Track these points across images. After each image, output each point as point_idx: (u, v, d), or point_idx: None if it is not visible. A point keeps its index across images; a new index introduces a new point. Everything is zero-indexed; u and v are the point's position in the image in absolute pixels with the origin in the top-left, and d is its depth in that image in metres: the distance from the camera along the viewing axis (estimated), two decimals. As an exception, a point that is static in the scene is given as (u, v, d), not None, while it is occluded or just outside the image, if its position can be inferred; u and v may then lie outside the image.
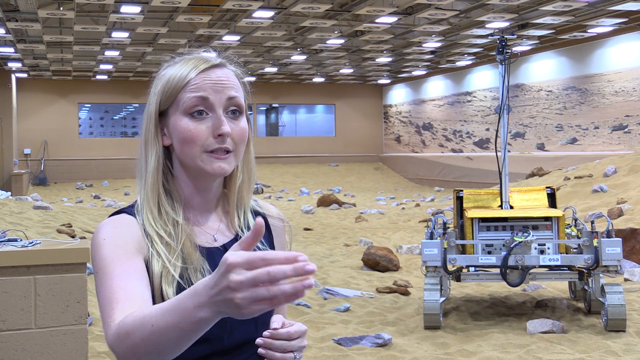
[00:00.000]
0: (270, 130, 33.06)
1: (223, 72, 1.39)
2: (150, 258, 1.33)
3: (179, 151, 1.38)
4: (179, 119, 1.36)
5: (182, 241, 1.36)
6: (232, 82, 1.39)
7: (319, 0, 15.19)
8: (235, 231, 1.46)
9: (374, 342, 5.12)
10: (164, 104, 1.39)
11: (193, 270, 1.33)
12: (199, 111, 1.35)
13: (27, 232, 6.28)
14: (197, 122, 1.35)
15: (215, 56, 1.42)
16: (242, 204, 1.49)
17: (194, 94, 1.35)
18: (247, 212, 1.50)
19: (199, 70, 1.37)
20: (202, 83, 1.36)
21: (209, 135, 1.35)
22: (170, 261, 1.33)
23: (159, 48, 20.63)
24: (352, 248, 10.52)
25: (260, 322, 1.39)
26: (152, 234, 1.35)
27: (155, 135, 1.39)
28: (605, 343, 5.01)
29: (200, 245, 1.39)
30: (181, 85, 1.37)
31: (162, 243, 1.35)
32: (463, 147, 26.49)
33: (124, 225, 1.35)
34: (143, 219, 1.37)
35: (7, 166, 25.25)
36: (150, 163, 1.39)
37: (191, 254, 1.35)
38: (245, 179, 1.48)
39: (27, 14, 15.52)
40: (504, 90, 5.88)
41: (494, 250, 5.56)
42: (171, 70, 1.40)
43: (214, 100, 1.36)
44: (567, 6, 15.50)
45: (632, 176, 12.06)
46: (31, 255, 3.17)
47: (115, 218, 1.37)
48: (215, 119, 1.35)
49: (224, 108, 1.37)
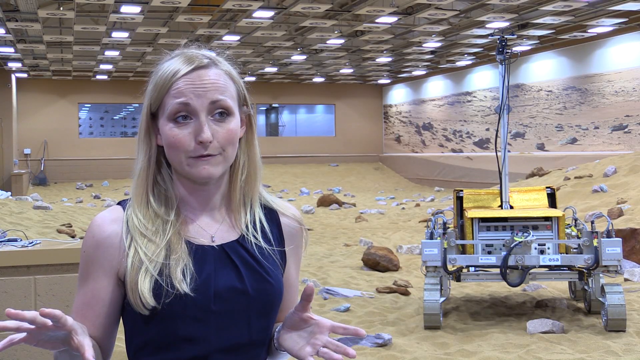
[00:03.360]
0: (270, 130, 33.06)
1: (208, 74, 1.36)
2: (126, 255, 1.35)
3: (167, 155, 1.38)
4: (165, 123, 1.35)
5: (169, 237, 1.35)
6: (217, 84, 1.35)
7: (319, 0, 15.19)
8: (240, 231, 1.43)
9: (374, 342, 5.12)
10: (153, 106, 1.38)
11: (174, 266, 1.32)
12: (183, 116, 1.33)
13: (27, 232, 6.28)
14: (180, 127, 1.33)
15: (202, 54, 1.39)
16: (248, 199, 1.46)
17: (176, 100, 1.33)
18: (255, 207, 1.47)
19: (182, 73, 1.34)
20: (184, 87, 1.33)
21: (192, 140, 1.33)
22: (150, 258, 1.33)
23: (159, 48, 20.59)
24: (352, 248, 10.52)
25: (254, 325, 1.37)
26: (133, 232, 1.36)
27: (146, 134, 1.39)
28: (605, 343, 5.01)
29: (196, 243, 1.37)
30: (165, 90, 1.35)
31: (142, 241, 1.35)
32: (463, 147, 26.49)
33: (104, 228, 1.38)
34: (128, 215, 1.39)
35: (7, 166, 25.25)
36: (139, 162, 1.39)
37: (176, 250, 1.34)
38: (252, 173, 1.45)
39: (27, 14, 15.52)
40: (504, 90, 5.88)
41: (494, 250, 5.56)
42: (160, 68, 1.38)
43: (196, 105, 1.33)
44: (567, 6, 15.50)
45: (632, 176, 12.05)
46: (31, 255, 3.17)
47: (100, 218, 1.40)
48: (198, 124, 1.33)
49: (208, 112, 1.34)
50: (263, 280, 1.38)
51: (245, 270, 1.38)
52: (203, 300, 1.32)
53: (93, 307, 1.36)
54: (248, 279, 1.37)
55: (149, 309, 1.30)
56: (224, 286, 1.35)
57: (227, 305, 1.34)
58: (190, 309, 1.31)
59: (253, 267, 1.39)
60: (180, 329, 1.31)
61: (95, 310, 1.36)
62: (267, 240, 1.44)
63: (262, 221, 1.46)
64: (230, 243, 1.41)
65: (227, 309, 1.34)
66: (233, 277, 1.36)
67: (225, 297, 1.34)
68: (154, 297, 1.30)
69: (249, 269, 1.38)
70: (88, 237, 1.38)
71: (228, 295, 1.35)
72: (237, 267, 1.38)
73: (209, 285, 1.34)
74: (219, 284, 1.35)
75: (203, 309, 1.32)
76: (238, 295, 1.35)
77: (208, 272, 1.35)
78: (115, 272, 1.35)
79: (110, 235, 1.37)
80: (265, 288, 1.38)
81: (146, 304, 1.29)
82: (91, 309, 1.36)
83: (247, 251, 1.41)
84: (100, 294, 1.36)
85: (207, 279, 1.34)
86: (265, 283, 1.38)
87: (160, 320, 1.31)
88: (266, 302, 1.38)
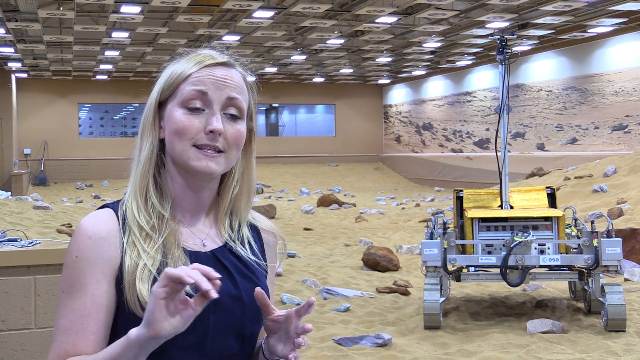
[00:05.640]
0: (270, 130, 33.06)
1: (229, 72, 1.36)
2: (123, 253, 1.29)
3: (169, 144, 1.34)
4: (175, 109, 1.33)
5: (165, 235, 1.32)
6: (235, 83, 1.36)
7: (319, 0, 15.19)
8: (224, 239, 1.41)
9: (374, 342, 5.11)
10: (164, 93, 1.36)
11: (172, 266, 1.26)
12: (196, 107, 1.32)
13: (27, 232, 6.28)
14: (191, 115, 1.32)
15: (223, 54, 1.39)
16: (237, 215, 1.44)
17: (194, 86, 1.32)
18: (244, 226, 1.44)
19: (204, 64, 1.35)
20: (205, 77, 1.33)
21: (201, 130, 1.31)
22: (148, 253, 1.28)
23: (159, 48, 20.64)
24: (352, 248, 10.52)
25: (248, 336, 1.35)
26: (132, 225, 1.32)
27: (152, 124, 1.36)
28: (605, 343, 5.01)
29: (188, 248, 1.34)
30: (183, 77, 1.34)
31: (141, 235, 1.31)
32: (463, 147, 26.49)
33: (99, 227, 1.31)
34: (126, 209, 1.34)
35: (7, 166, 25.25)
36: (144, 151, 1.36)
37: (172, 250, 1.31)
38: (244, 191, 1.43)
39: (27, 14, 15.52)
40: (504, 90, 5.88)
41: (494, 250, 5.56)
42: (177, 63, 1.38)
43: (213, 96, 1.32)
44: (567, 6, 15.50)
45: (632, 176, 12.06)
46: (31, 255, 3.17)
47: (92, 219, 1.33)
48: (210, 115, 1.32)
49: (222, 107, 1.33)
50: (255, 285, 1.35)
51: (238, 275, 1.36)
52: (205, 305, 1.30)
53: (94, 316, 1.26)
54: (242, 285, 1.35)
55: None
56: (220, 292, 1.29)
57: (224, 312, 1.31)
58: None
59: (244, 273, 1.37)
60: (178, 336, 1.20)
61: (98, 319, 1.26)
62: (254, 254, 1.43)
63: (249, 239, 1.44)
64: (219, 249, 1.39)
65: (224, 315, 1.31)
66: (228, 283, 1.33)
67: (223, 304, 1.31)
68: None
69: (241, 275, 1.37)
70: (81, 240, 1.29)
71: (225, 302, 1.31)
72: (230, 272, 1.36)
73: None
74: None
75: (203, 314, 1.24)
76: (234, 301, 1.33)
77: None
78: (114, 273, 1.29)
79: (108, 234, 1.30)
80: None
81: (144, 303, 1.24)
82: (92, 318, 1.26)
83: (236, 257, 1.39)
84: (103, 300, 1.27)
85: None
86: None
87: None
88: (258, 308, 1.33)
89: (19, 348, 3.13)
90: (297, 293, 6.93)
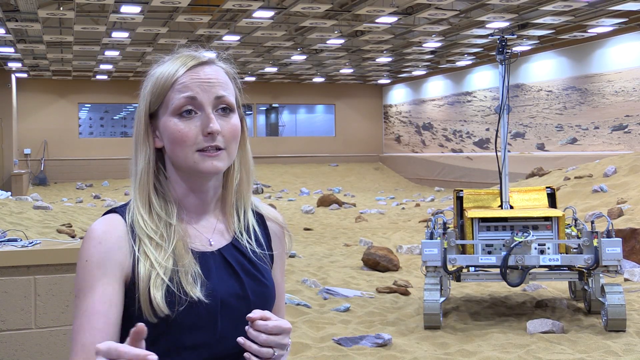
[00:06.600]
0: (270, 130, 33.05)
1: (211, 70, 1.37)
2: (136, 262, 1.31)
3: (170, 152, 1.36)
4: (169, 120, 1.35)
5: (174, 243, 1.34)
6: (220, 80, 1.37)
7: (319, 0, 15.19)
8: (232, 234, 1.43)
9: (374, 342, 5.11)
10: (153, 104, 1.37)
11: (184, 273, 1.31)
12: (188, 110, 1.34)
13: (27, 232, 6.28)
14: (186, 121, 1.34)
15: (203, 53, 1.40)
16: (242, 203, 1.46)
17: (181, 94, 1.34)
18: (248, 212, 1.47)
19: (187, 68, 1.36)
20: (190, 82, 1.34)
21: (199, 134, 1.33)
22: (160, 263, 1.30)
23: (159, 48, 20.62)
24: (352, 248, 10.52)
25: None
26: (141, 235, 1.33)
27: (144, 137, 1.37)
28: (605, 343, 5.01)
29: (195, 249, 1.36)
30: (169, 85, 1.35)
31: (151, 244, 1.33)
32: (463, 147, 26.49)
33: (110, 233, 1.33)
34: (133, 219, 1.36)
35: (7, 166, 25.25)
36: (140, 164, 1.37)
37: (183, 257, 1.33)
38: (244, 177, 1.46)
39: (27, 14, 15.52)
40: (504, 90, 5.88)
41: (494, 250, 5.56)
42: (159, 69, 1.38)
43: (202, 99, 1.34)
44: (567, 6, 15.50)
45: (632, 176, 12.06)
46: (31, 255, 3.17)
47: (103, 225, 1.35)
48: (204, 117, 1.34)
49: (212, 106, 1.35)
50: (260, 283, 1.39)
51: (244, 275, 1.38)
52: (214, 307, 1.32)
53: (107, 314, 1.28)
54: (248, 284, 1.37)
55: (162, 317, 1.27)
56: (227, 292, 1.35)
57: (231, 312, 1.34)
58: (201, 317, 1.30)
59: (250, 271, 1.39)
60: (187, 336, 1.29)
61: (110, 317, 1.28)
62: (259, 244, 1.45)
63: (254, 226, 1.46)
64: (226, 246, 1.41)
65: (231, 315, 1.34)
66: (234, 283, 1.36)
67: (230, 304, 1.34)
68: (167, 305, 1.27)
69: (246, 274, 1.39)
70: (92, 245, 1.32)
71: (232, 302, 1.34)
72: (236, 272, 1.38)
73: (216, 292, 1.33)
74: (223, 291, 1.34)
75: (212, 316, 1.31)
76: (240, 300, 1.35)
77: (213, 278, 1.35)
78: (124, 278, 1.31)
79: (118, 239, 1.33)
80: (263, 292, 1.39)
81: (159, 312, 1.27)
82: (104, 316, 1.27)
83: (242, 254, 1.41)
84: (114, 299, 1.29)
85: (214, 285, 1.34)
86: (263, 286, 1.39)
87: (166, 328, 1.29)
88: (264, 306, 1.36)
89: (19, 348, 3.13)
90: (297, 293, 6.93)
